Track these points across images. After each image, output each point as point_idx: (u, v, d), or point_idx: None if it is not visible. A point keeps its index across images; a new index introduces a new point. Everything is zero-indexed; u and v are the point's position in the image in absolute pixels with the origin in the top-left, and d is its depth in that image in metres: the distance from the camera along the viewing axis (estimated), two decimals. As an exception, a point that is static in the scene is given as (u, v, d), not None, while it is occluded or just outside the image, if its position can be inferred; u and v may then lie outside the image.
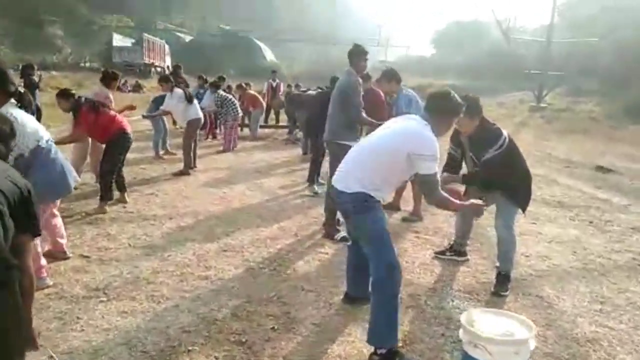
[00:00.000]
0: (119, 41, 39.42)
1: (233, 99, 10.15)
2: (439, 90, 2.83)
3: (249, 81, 14.09)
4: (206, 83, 10.71)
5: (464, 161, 3.80)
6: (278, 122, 14.24)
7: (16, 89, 3.05)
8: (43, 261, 3.31)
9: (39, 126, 3.32)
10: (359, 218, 2.71)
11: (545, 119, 19.25)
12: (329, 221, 4.66)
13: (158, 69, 36.75)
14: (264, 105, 12.44)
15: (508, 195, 3.55)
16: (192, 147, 7.46)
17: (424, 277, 3.81)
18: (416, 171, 2.61)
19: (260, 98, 12.18)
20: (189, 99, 7.30)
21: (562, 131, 15.85)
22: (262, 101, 12.29)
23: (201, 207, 5.45)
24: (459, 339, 2.36)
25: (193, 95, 7.66)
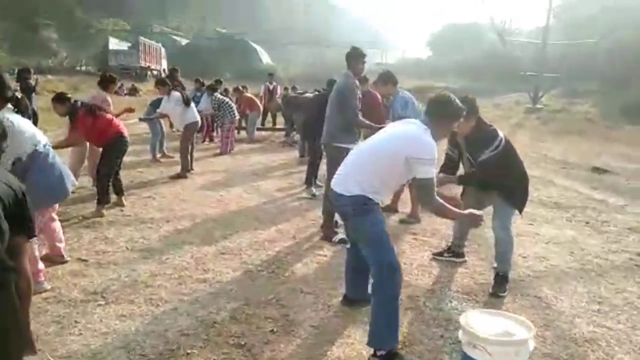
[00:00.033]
0: (115, 44, 39.35)
1: (230, 102, 10.16)
2: (439, 94, 2.83)
3: (245, 84, 14.08)
4: (203, 86, 10.72)
5: (461, 162, 3.81)
6: (275, 124, 14.25)
7: (13, 94, 3.06)
8: (41, 265, 3.30)
9: (36, 130, 3.33)
10: (358, 220, 2.72)
11: (541, 120, 19.32)
12: (327, 223, 4.66)
13: (154, 72, 36.71)
14: (260, 108, 12.47)
15: (505, 196, 3.56)
16: (189, 150, 7.46)
17: (422, 279, 3.81)
18: (414, 175, 2.61)
19: (257, 101, 12.21)
20: (186, 102, 7.31)
21: (558, 132, 15.89)
22: (259, 104, 12.33)
23: (199, 210, 5.45)
24: (458, 340, 2.37)
25: (190, 99, 7.67)
